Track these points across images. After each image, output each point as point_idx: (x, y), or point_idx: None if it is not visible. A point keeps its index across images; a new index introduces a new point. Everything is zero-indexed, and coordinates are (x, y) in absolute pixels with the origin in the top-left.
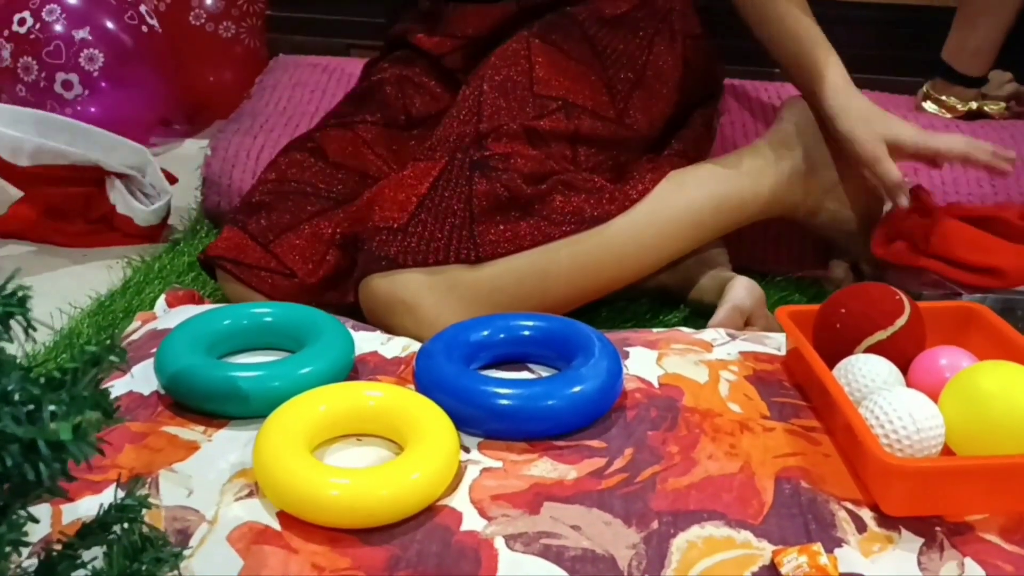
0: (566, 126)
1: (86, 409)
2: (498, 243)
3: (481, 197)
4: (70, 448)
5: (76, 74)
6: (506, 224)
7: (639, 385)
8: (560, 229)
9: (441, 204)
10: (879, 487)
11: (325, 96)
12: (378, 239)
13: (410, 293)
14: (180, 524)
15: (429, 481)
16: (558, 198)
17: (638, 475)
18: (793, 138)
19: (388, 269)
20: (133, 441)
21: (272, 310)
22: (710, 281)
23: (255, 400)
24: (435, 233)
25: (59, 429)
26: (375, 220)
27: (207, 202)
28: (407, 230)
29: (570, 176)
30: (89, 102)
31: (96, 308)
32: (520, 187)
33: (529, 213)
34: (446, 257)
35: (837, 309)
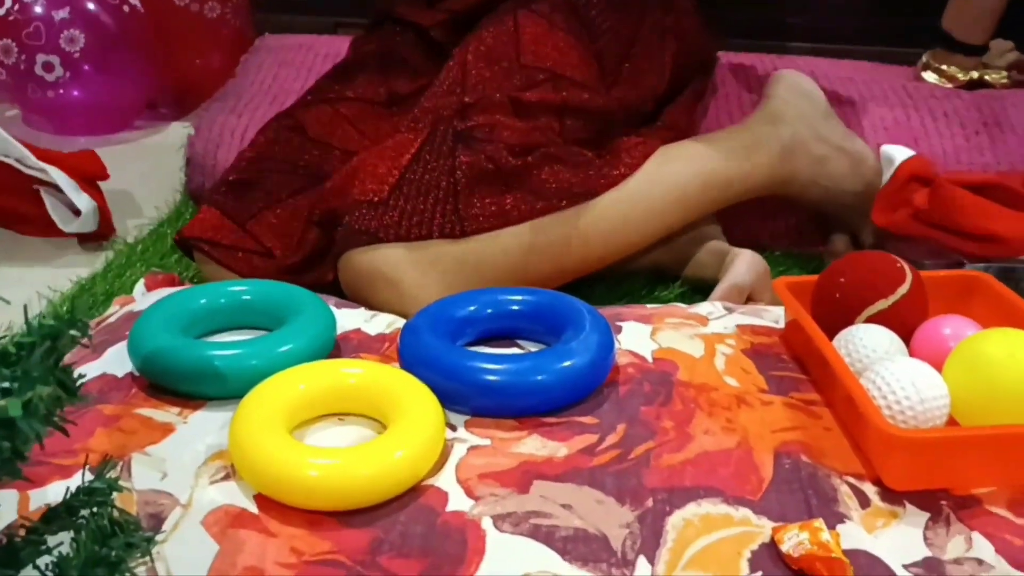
0: (553, 97)
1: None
2: (483, 217)
3: (465, 169)
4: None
5: (57, 56)
6: (491, 197)
7: (632, 360)
8: (547, 204)
9: (424, 177)
10: (882, 460)
11: (311, 75)
12: (358, 213)
13: (391, 267)
14: (153, 508)
15: (413, 460)
16: (545, 171)
17: (631, 451)
18: (783, 114)
19: (369, 244)
20: (105, 424)
21: (250, 288)
22: (708, 256)
23: (232, 380)
24: (417, 207)
25: (7, 405)
26: (355, 194)
27: (191, 183)
28: (388, 203)
29: (557, 149)
30: (71, 85)
31: (78, 291)
32: (505, 158)
33: (515, 186)
34: (429, 232)
35: (836, 278)
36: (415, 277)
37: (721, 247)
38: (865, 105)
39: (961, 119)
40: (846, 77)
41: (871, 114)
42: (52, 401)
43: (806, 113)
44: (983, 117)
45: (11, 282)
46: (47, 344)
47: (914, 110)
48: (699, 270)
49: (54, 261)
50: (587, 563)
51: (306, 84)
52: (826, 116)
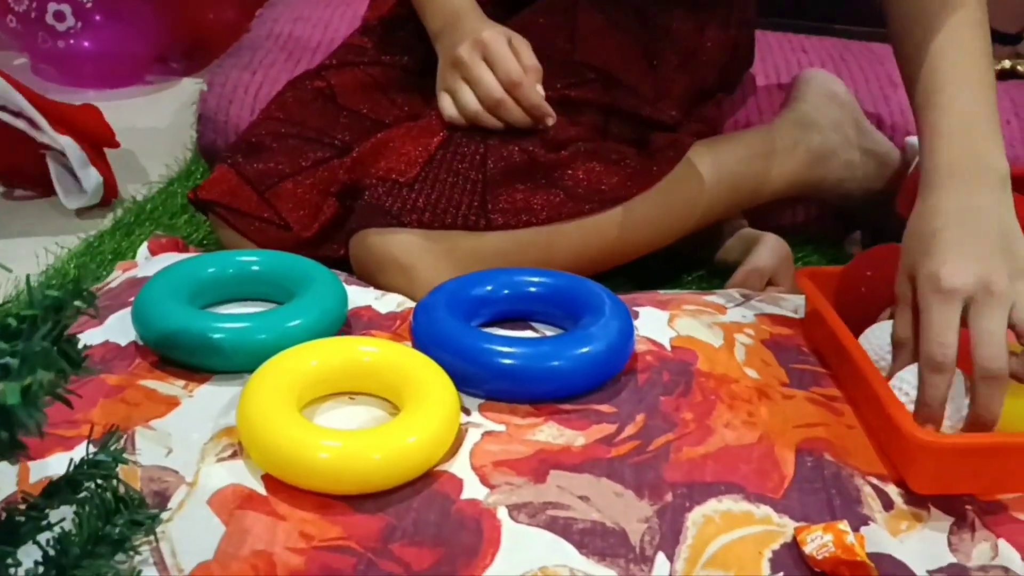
0: (602, 98)
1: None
2: (510, 212)
3: (496, 160)
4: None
5: (68, 5)
6: (521, 193)
7: (650, 347)
8: (576, 206)
9: (453, 163)
10: (907, 464)
11: (328, 31)
12: (381, 190)
13: (405, 253)
14: (158, 485)
15: (427, 445)
16: (579, 169)
17: (650, 443)
18: (813, 121)
19: (388, 225)
20: (108, 395)
21: (260, 258)
22: (737, 241)
23: (240, 354)
24: (443, 193)
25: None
26: (380, 170)
27: (202, 140)
28: (413, 186)
29: (595, 145)
30: (82, 35)
31: (84, 249)
32: (538, 151)
33: (545, 182)
34: (453, 222)
35: (863, 272)
36: (429, 265)
37: (737, 227)
38: (896, 89)
39: None
40: (877, 60)
41: (901, 100)
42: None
43: (837, 120)
44: (1015, 108)
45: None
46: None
47: None
48: (726, 254)
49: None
50: (604, 558)
51: (323, 40)
52: (855, 120)
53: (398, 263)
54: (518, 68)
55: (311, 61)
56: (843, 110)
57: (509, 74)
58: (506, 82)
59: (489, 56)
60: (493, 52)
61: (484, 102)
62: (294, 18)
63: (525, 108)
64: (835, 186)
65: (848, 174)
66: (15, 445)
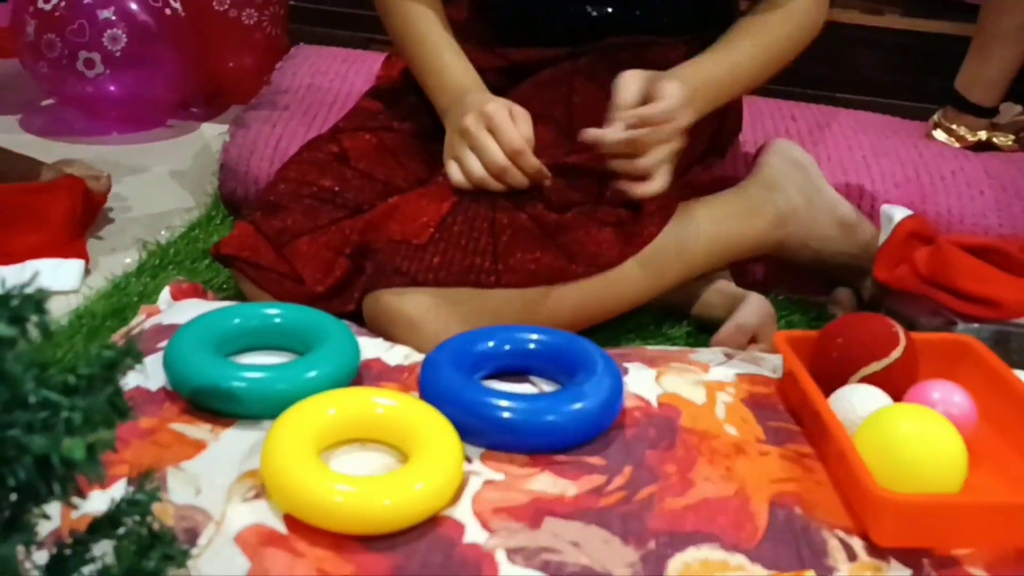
0: (595, 163)
1: (100, 425)
2: (519, 272)
3: (504, 224)
4: (82, 468)
5: (99, 53)
6: (529, 253)
7: (638, 403)
8: (578, 269)
9: (464, 226)
10: (870, 518)
11: (344, 86)
12: (397, 254)
13: (417, 310)
14: (188, 523)
15: (433, 492)
16: (581, 231)
17: (636, 494)
18: (777, 182)
19: (405, 286)
20: (141, 437)
21: (281, 311)
22: (715, 296)
23: (261, 402)
24: (456, 255)
25: (72, 447)
26: (394, 233)
27: (223, 188)
28: (428, 248)
29: (592, 209)
30: (109, 81)
31: (111, 290)
32: (544, 215)
33: (552, 244)
34: (465, 280)
35: (834, 338)
36: (436, 319)
37: (728, 288)
38: (877, 159)
39: (967, 179)
40: (861, 130)
41: (882, 169)
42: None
43: (798, 181)
44: (989, 179)
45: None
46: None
47: (923, 167)
48: (707, 309)
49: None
50: None
51: (339, 95)
52: (817, 184)
53: (410, 319)
54: (519, 137)
55: (328, 115)
56: (804, 174)
57: (512, 143)
58: (509, 150)
59: (492, 126)
60: (497, 123)
61: (489, 168)
62: (312, 72)
63: (527, 173)
64: (801, 246)
65: (811, 234)
66: (75, 491)
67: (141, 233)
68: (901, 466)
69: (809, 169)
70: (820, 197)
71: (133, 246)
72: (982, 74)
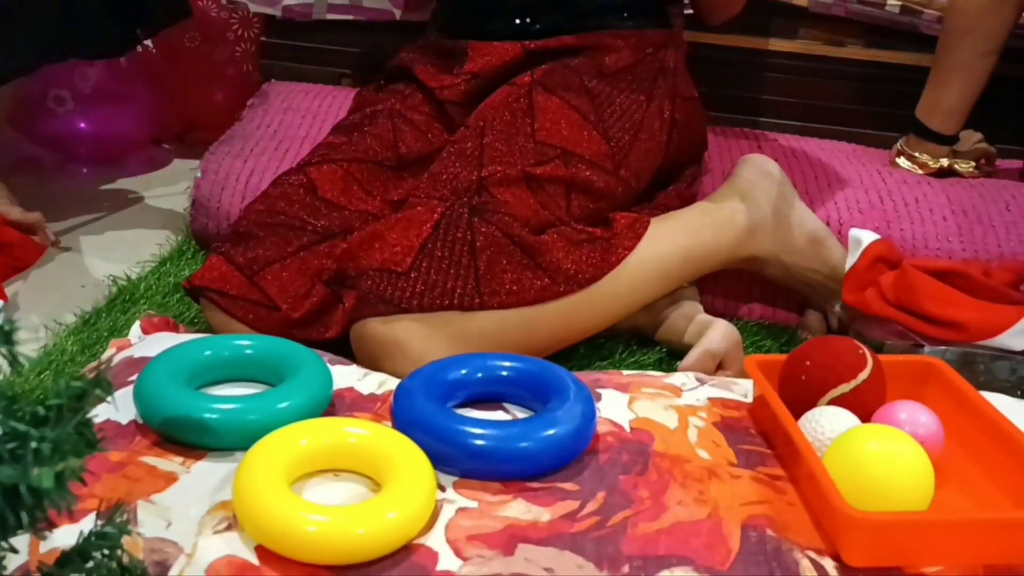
0: (563, 174)
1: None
2: (501, 294)
3: (484, 246)
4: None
5: (68, 90)
6: (512, 274)
7: (611, 428)
8: (558, 288)
9: (444, 249)
10: (841, 538)
11: (316, 121)
12: (380, 282)
13: (403, 333)
14: (159, 556)
15: (406, 521)
16: (557, 251)
17: (610, 519)
18: (747, 193)
19: (391, 313)
20: (111, 470)
21: (252, 343)
22: (682, 321)
23: (233, 433)
24: (438, 278)
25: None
26: (375, 261)
27: (195, 224)
28: (410, 274)
29: (568, 228)
30: (79, 118)
31: (81, 325)
32: (522, 234)
33: (532, 264)
34: (450, 303)
35: (802, 361)
36: (421, 341)
37: (694, 312)
38: (843, 186)
39: (930, 205)
40: (826, 158)
41: (847, 196)
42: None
43: (769, 193)
44: (951, 205)
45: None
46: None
47: (887, 194)
48: (674, 335)
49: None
50: None
51: (311, 130)
52: (788, 198)
53: (398, 344)
54: None
55: (299, 151)
56: (776, 187)
57: None
58: None
59: None
60: None
61: None
62: (284, 108)
63: None
64: (772, 259)
65: (781, 247)
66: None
67: (111, 269)
68: (870, 485)
69: (780, 182)
70: (791, 210)
71: (103, 282)
72: (941, 103)
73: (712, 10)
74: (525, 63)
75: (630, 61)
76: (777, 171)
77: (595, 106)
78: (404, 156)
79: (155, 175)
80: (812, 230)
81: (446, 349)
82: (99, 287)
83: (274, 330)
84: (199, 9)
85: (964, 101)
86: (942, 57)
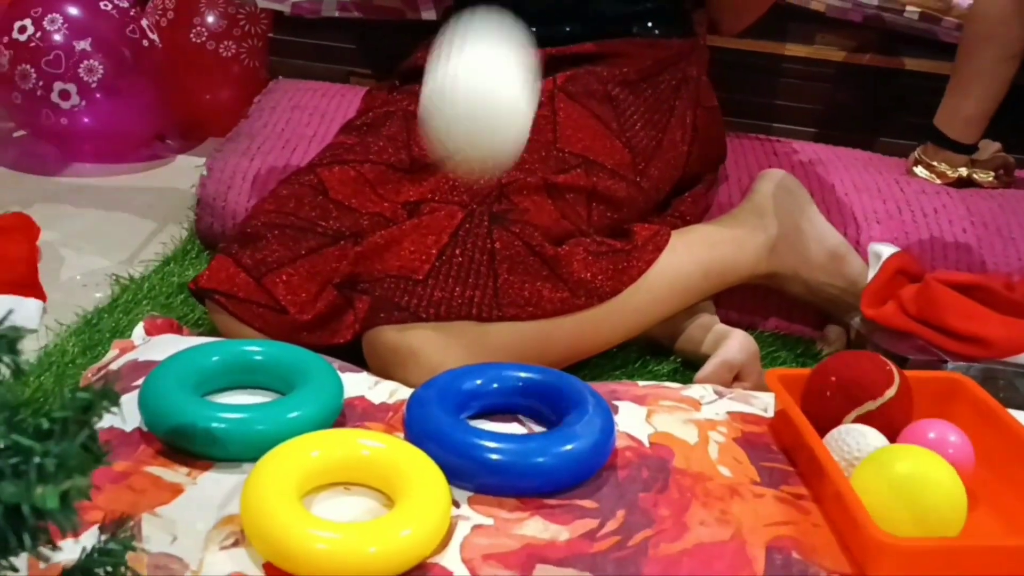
0: (585, 183)
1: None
2: (520, 305)
3: (504, 256)
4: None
5: (74, 84)
6: (529, 284)
7: (629, 443)
8: (578, 301)
9: (462, 257)
10: (870, 563)
11: (324, 120)
12: (396, 289)
13: (417, 341)
14: (163, 572)
15: (420, 539)
16: (577, 263)
17: (630, 539)
18: (767, 208)
19: (406, 321)
20: (115, 481)
21: (262, 349)
22: (698, 331)
23: (240, 444)
24: (456, 287)
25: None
26: (391, 269)
27: (200, 223)
28: (427, 282)
29: (588, 239)
30: (84, 113)
31: (83, 326)
32: (542, 244)
33: (551, 276)
34: (468, 313)
35: (828, 377)
36: (436, 350)
37: (711, 323)
38: (860, 196)
39: (949, 216)
40: (843, 166)
41: (865, 206)
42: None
43: (789, 209)
44: (971, 216)
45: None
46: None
47: (905, 204)
48: (691, 345)
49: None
50: None
51: (318, 129)
52: (808, 213)
53: (412, 352)
54: None
55: (307, 149)
56: (795, 201)
57: None
58: None
59: None
60: None
61: None
62: (291, 106)
63: None
64: (792, 275)
65: (802, 263)
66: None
67: (114, 268)
68: (900, 509)
69: (800, 197)
70: (811, 225)
71: (105, 281)
72: (961, 111)
73: (731, 21)
74: (546, 69)
75: (653, 70)
76: (796, 186)
77: (617, 114)
78: (416, 159)
79: (159, 172)
80: (832, 245)
81: (461, 359)
82: (101, 286)
83: (282, 334)
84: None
85: (984, 109)
86: (962, 64)
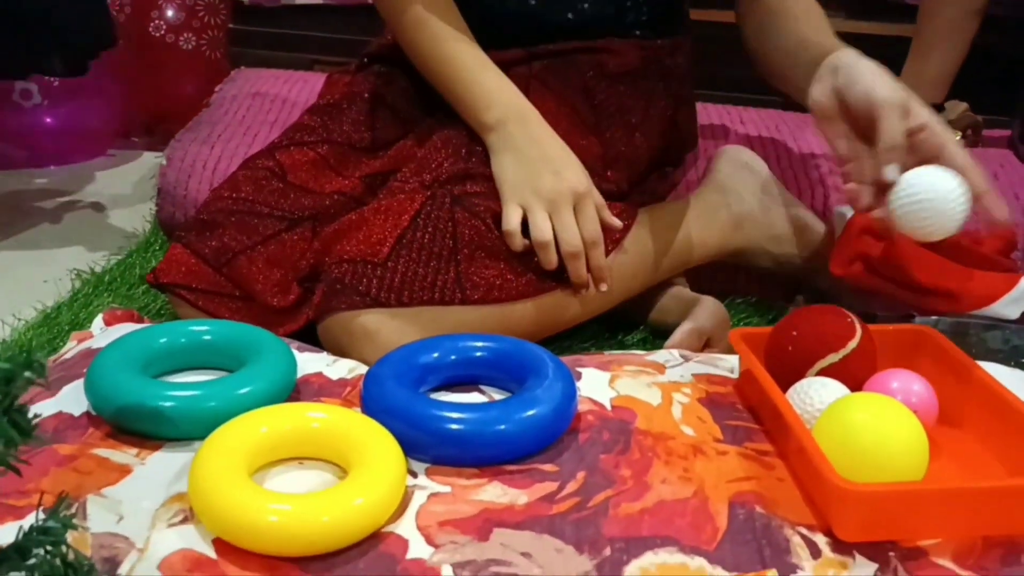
0: None
1: None
2: (483, 288)
3: (466, 238)
4: None
5: (35, 84)
6: (493, 268)
7: (591, 407)
8: (542, 284)
9: (424, 240)
10: (833, 512)
11: (285, 107)
12: (355, 272)
13: (374, 325)
14: (108, 552)
15: (373, 507)
16: None
17: (590, 500)
18: (729, 186)
19: (365, 307)
20: (60, 464)
21: (211, 328)
22: (671, 301)
23: (190, 421)
24: (418, 271)
25: None
26: (350, 252)
27: (162, 213)
28: (387, 265)
29: None
30: (46, 112)
31: (41, 320)
32: None
33: (516, 257)
34: (431, 298)
35: (789, 332)
36: (397, 335)
37: (684, 293)
38: (827, 159)
39: None
40: (811, 132)
41: (832, 167)
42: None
43: (750, 184)
44: None
45: None
46: (3, 392)
47: None
48: (663, 315)
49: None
50: None
51: (280, 115)
52: (768, 186)
53: (367, 332)
54: (600, 231)
55: (268, 135)
56: (755, 177)
57: (592, 233)
58: (588, 239)
59: (579, 210)
60: (584, 209)
61: (564, 247)
62: (252, 93)
63: (591, 267)
64: (760, 251)
65: (768, 236)
66: None
67: (75, 262)
68: (862, 456)
69: (760, 172)
70: (772, 199)
71: (66, 275)
72: (924, 73)
73: None
74: (528, 61)
75: (636, 67)
76: (754, 160)
77: (593, 107)
78: (379, 139)
79: (123, 168)
80: (796, 215)
81: (416, 336)
82: (62, 281)
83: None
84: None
85: (948, 69)
86: (924, 24)
